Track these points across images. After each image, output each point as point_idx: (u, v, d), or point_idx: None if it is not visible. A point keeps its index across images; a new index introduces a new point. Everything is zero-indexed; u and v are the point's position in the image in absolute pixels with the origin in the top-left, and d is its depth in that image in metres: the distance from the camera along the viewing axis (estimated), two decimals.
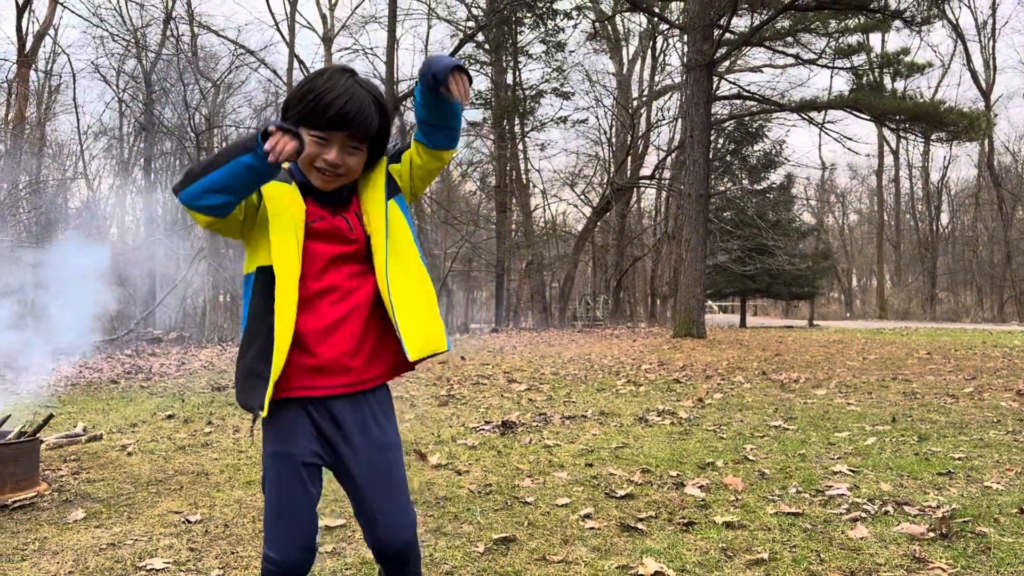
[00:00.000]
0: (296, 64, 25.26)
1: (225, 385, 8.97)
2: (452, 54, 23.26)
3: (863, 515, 3.55)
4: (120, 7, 23.90)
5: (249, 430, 6.06)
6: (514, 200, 30.12)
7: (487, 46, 27.24)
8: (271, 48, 47.61)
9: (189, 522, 3.54)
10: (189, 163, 26.50)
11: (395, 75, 22.29)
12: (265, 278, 1.74)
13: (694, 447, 5.22)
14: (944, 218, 44.43)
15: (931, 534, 3.25)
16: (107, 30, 23.51)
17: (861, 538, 3.22)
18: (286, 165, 1.80)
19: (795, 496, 3.91)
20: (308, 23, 37.62)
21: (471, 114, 29.13)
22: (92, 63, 26.53)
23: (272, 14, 43.59)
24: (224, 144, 30.31)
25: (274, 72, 26.87)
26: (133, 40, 24.93)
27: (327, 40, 25.74)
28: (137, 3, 23.99)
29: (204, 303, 28.48)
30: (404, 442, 5.40)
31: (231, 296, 29.40)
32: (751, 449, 5.11)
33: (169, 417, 6.71)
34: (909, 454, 4.88)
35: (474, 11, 25.73)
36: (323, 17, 26.08)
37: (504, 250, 29.15)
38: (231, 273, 24.00)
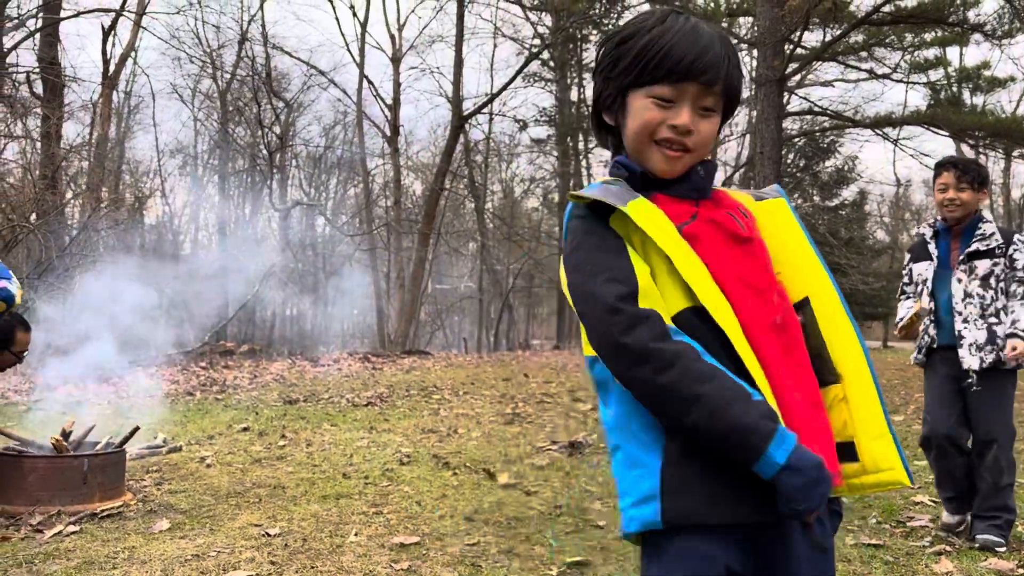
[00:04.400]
0: (365, 84, 25.81)
1: (296, 399, 9.17)
2: (518, 72, 23.45)
3: (947, 548, 3.43)
4: (197, 29, 24.80)
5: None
6: None
7: (552, 64, 27.37)
8: (341, 68, 48.71)
9: (269, 535, 3.63)
10: (261, 180, 27.27)
11: (460, 94, 22.56)
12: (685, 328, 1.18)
13: None
14: None
15: (1021, 570, 3.13)
16: (184, 51, 24.44)
17: (946, 572, 3.12)
18: (602, 186, 1.29)
19: (875, 527, 3.80)
20: (377, 44, 38.60)
21: (535, 131, 29.28)
22: (170, 84, 27.59)
23: (343, 35, 44.81)
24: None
25: (343, 91, 27.50)
26: (209, 61, 25.84)
27: (395, 60, 26.24)
28: (213, 25, 24.90)
29: (273, 317, 29.20)
30: (472, 460, 5.45)
31: (297, 310, 30.05)
32: None
33: (244, 430, 6.89)
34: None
35: (540, 29, 25.91)
36: (391, 38, 26.61)
37: None
38: (300, 287, 24.57)
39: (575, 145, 29.19)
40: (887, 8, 15.60)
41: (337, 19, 46.93)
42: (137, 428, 4.95)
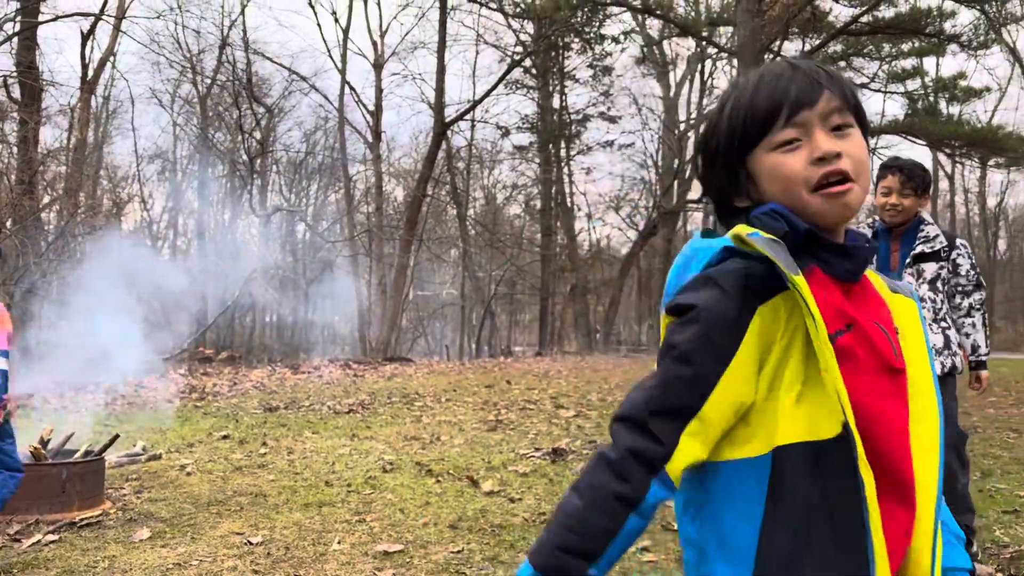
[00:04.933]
0: (347, 90, 25.77)
1: (277, 406, 9.11)
2: (500, 79, 23.51)
3: None
4: (177, 34, 24.66)
5: None
6: (559, 223, 30.18)
7: (534, 71, 27.46)
8: (322, 74, 48.57)
9: (251, 543, 3.61)
10: (241, 185, 27.15)
11: (443, 100, 22.57)
12: (797, 464, 0.99)
13: None
14: (1002, 244, 43.32)
15: (999, 575, 3.17)
16: (164, 56, 24.29)
17: None
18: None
19: None
20: (359, 50, 38.46)
21: (517, 138, 29.37)
22: (150, 88, 27.39)
23: (324, 41, 44.64)
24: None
25: (325, 97, 27.43)
26: (189, 66, 25.70)
27: (377, 66, 26.21)
28: (193, 30, 24.76)
29: (253, 323, 29.02)
30: (456, 467, 5.44)
31: (276, 316, 29.89)
32: None
33: (224, 437, 6.84)
34: (971, 490, 4.75)
35: (522, 36, 26.01)
36: (374, 44, 26.58)
37: (548, 273, 29.16)
38: (280, 294, 24.43)
39: (556, 152, 29.27)
40: (865, 19, 15.81)
41: (319, 25, 46.82)
42: (117, 436, 4.90)
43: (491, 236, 29.52)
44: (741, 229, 1.02)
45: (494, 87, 23.40)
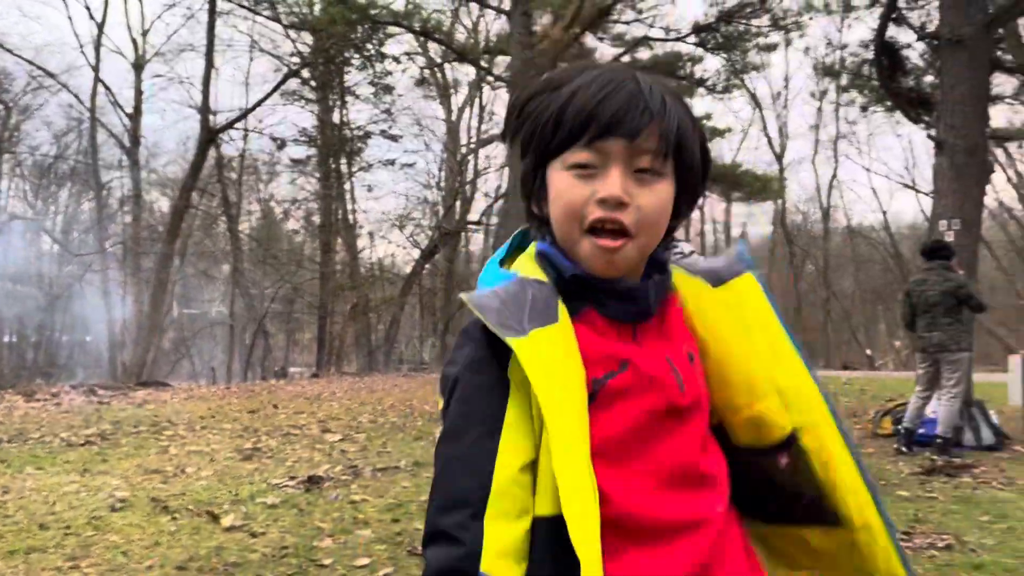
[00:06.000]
0: (102, 89, 23.69)
1: (0, 439, 8.04)
2: (275, 88, 22.72)
3: None
4: None
5: None
6: (339, 240, 29.57)
7: (313, 83, 26.79)
8: (74, 71, 44.42)
9: None
10: None
11: (211, 106, 21.38)
12: (546, 538, 0.86)
13: None
14: None
15: None
16: None
17: None
18: (529, 260, 0.99)
19: None
20: (117, 48, 35.44)
21: (295, 150, 28.47)
22: None
23: (76, 35, 40.63)
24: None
25: (76, 96, 25.03)
26: None
27: (138, 67, 24.35)
28: None
29: None
30: (197, 502, 5.04)
31: (16, 335, 26.72)
32: None
33: None
34: None
35: (300, 46, 25.28)
36: (134, 42, 24.69)
37: (328, 291, 28.44)
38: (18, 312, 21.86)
39: (337, 167, 28.72)
40: (626, 58, 17.05)
41: (70, 18, 42.80)
42: None
43: (265, 252, 28.33)
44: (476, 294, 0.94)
45: (268, 96, 22.58)
